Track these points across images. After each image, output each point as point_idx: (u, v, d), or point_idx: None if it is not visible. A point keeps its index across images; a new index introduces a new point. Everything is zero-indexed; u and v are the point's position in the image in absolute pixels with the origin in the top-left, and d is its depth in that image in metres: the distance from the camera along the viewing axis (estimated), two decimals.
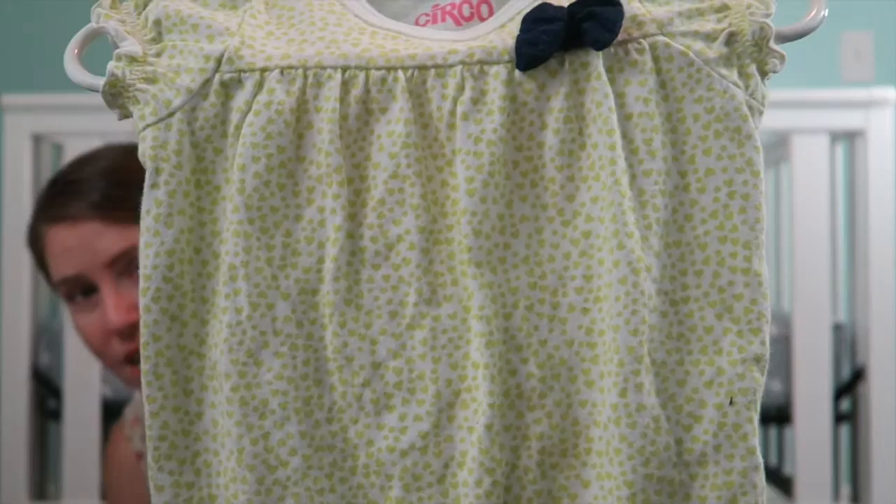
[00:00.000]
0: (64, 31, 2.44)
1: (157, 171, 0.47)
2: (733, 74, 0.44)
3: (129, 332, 0.84)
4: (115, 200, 0.86)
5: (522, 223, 0.43)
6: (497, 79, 0.41)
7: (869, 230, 1.76)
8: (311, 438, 0.45)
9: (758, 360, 0.42)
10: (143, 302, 0.46)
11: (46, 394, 1.85)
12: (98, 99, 1.87)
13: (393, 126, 0.43)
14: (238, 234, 0.45)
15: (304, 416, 0.45)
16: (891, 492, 1.74)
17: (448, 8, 0.44)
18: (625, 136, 0.41)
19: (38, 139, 1.85)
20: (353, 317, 0.44)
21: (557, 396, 0.44)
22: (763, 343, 0.43)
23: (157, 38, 0.50)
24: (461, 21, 0.44)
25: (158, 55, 0.50)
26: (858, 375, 1.80)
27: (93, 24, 0.55)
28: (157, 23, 0.50)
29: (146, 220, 0.47)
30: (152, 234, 0.46)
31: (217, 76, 0.45)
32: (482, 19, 0.44)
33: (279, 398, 0.45)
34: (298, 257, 0.45)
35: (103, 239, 0.85)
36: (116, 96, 0.53)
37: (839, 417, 1.82)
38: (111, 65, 0.52)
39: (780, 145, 2.10)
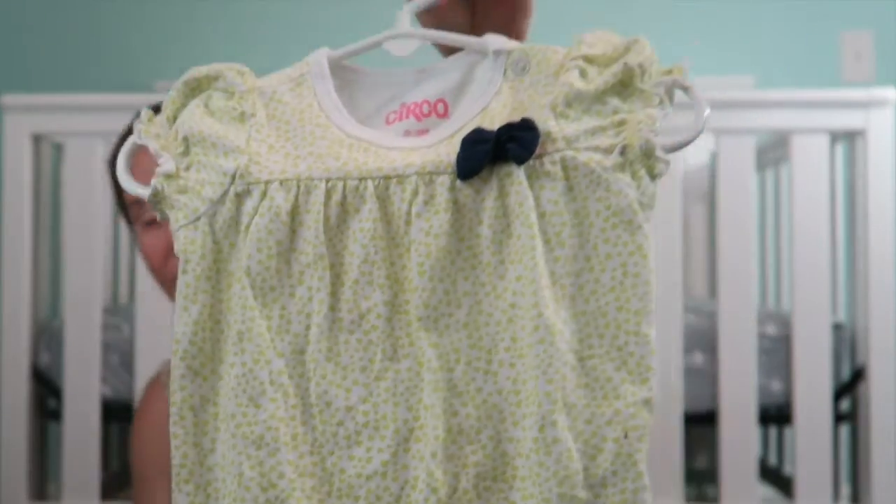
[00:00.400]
0: (64, 32, 2.44)
1: (187, 261, 0.59)
2: (627, 177, 0.53)
3: None
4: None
5: (464, 297, 0.55)
6: (443, 186, 0.54)
7: (869, 230, 1.76)
8: (297, 466, 0.57)
9: (646, 402, 0.54)
10: (173, 361, 0.59)
11: (46, 394, 1.85)
12: (97, 99, 1.91)
13: (364, 223, 0.56)
14: (245, 307, 0.58)
15: (291, 448, 0.57)
16: (891, 492, 1.74)
17: (412, 107, 0.59)
18: (541, 229, 0.53)
19: (38, 139, 1.85)
20: (332, 370, 0.57)
21: (490, 433, 0.56)
22: (650, 389, 0.54)
23: (186, 152, 0.62)
24: (421, 117, 0.58)
25: (188, 169, 0.61)
26: (858, 375, 1.80)
27: (136, 140, 0.65)
28: (185, 139, 0.62)
29: (178, 299, 0.59)
30: (182, 309, 0.59)
31: (232, 188, 0.59)
32: (438, 115, 0.58)
33: (272, 433, 0.57)
34: (291, 325, 0.58)
35: None
36: (158, 203, 0.62)
37: (839, 417, 1.83)
38: (154, 181, 0.62)
39: (780, 145, 2.10)
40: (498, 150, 0.51)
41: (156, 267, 1.00)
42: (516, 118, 0.51)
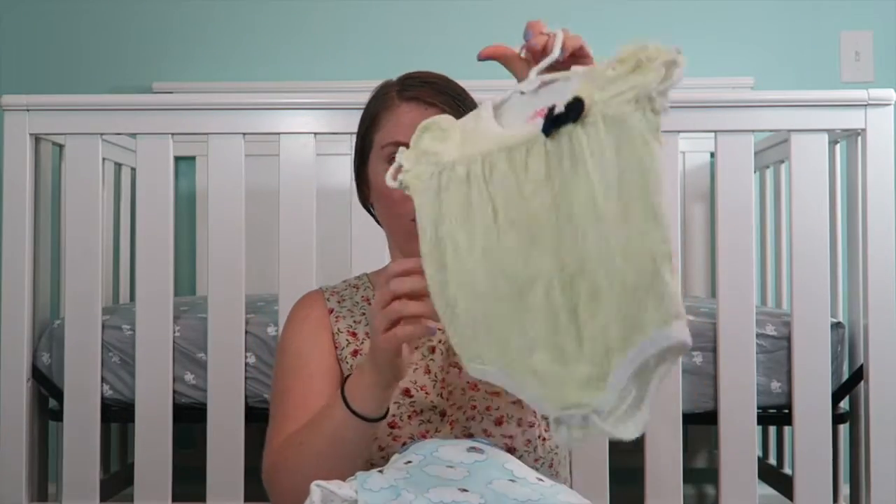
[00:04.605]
0: (64, 32, 2.43)
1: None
2: (638, 114, 0.73)
3: None
4: (456, 102, 1.14)
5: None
6: (540, 141, 0.80)
7: (868, 230, 1.76)
8: None
9: (664, 239, 0.71)
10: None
11: (46, 394, 1.86)
12: (97, 99, 1.90)
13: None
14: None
15: None
16: (890, 491, 1.74)
17: (540, 110, 0.81)
18: (590, 151, 0.76)
19: (38, 139, 1.85)
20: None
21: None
22: (662, 229, 0.72)
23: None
24: (544, 112, 0.80)
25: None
26: (858, 375, 1.80)
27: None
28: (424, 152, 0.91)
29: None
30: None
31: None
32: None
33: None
34: None
35: None
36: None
37: (839, 417, 1.83)
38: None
39: (780, 145, 2.11)
40: (561, 118, 0.76)
41: (395, 204, 1.12)
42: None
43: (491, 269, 0.80)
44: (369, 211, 1.25)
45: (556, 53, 0.86)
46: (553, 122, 0.76)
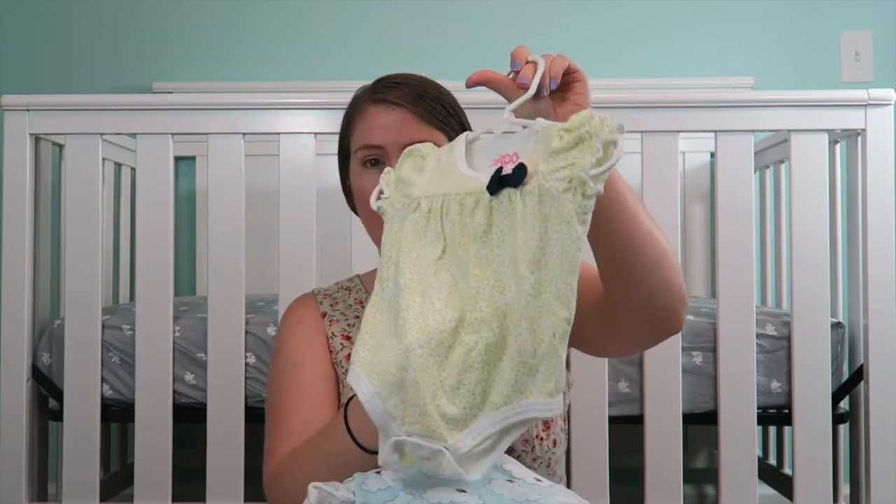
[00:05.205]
0: (64, 32, 2.44)
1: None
2: (569, 195, 0.79)
3: None
4: (428, 103, 1.12)
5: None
6: (484, 198, 0.86)
7: (868, 230, 1.76)
8: None
9: (567, 319, 0.79)
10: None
11: (46, 394, 1.86)
12: (97, 99, 1.90)
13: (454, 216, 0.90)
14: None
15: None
16: (890, 491, 1.74)
17: (504, 157, 0.87)
18: (521, 221, 0.83)
19: (38, 139, 1.85)
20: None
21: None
22: (569, 311, 0.80)
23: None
24: (507, 162, 0.86)
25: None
26: (858, 375, 1.80)
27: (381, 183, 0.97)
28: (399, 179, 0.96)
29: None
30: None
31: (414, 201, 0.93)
32: (513, 161, 0.85)
33: None
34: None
35: (409, 127, 1.11)
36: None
37: (839, 417, 1.83)
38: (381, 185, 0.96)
39: (780, 145, 2.11)
40: (506, 179, 0.83)
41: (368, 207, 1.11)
42: (530, 164, 0.83)
43: (421, 293, 0.85)
44: (356, 213, 1.25)
45: (531, 91, 0.88)
46: (498, 182, 0.83)
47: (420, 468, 0.82)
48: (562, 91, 0.92)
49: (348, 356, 1.18)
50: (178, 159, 2.46)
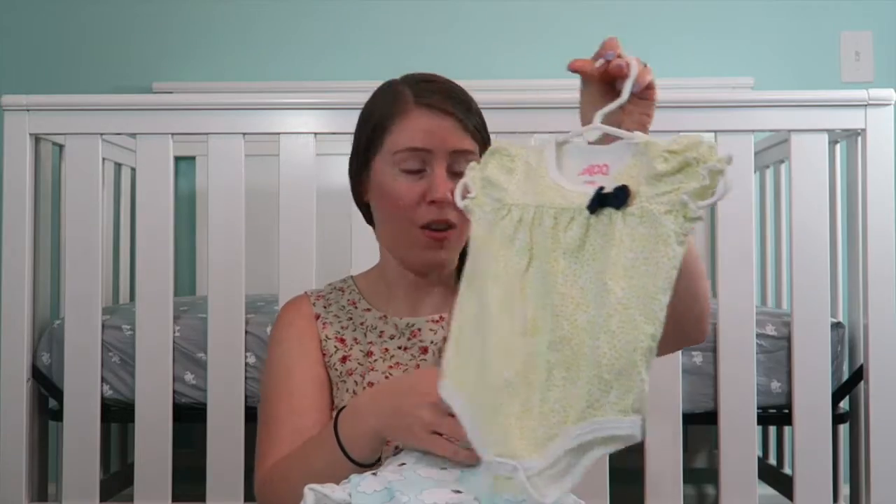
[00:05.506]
0: (64, 32, 2.44)
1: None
2: (671, 218, 0.80)
3: (439, 205, 1.11)
4: (474, 116, 1.14)
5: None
6: (583, 215, 0.85)
7: (868, 230, 1.76)
8: None
9: (653, 336, 0.79)
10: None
11: (46, 394, 1.86)
12: (97, 99, 1.90)
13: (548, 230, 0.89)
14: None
15: None
16: (890, 492, 1.74)
17: (594, 167, 0.87)
18: (619, 240, 0.82)
19: (38, 139, 1.85)
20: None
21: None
22: (656, 328, 0.80)
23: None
24: (595, 173, 0.87)
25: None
26: (858, 375, 1.80)
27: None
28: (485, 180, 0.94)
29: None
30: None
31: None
32: (603, 173, 0.87)
33: None
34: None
35: (456, 136, 1.12)
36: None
37: (839, 417, 1.83)
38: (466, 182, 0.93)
39: (780, 145, 2.10)
40: (608, 199, 0.82)
41: (404, 209, 1.13)
42: (630, 183, 0.83)
43: (503, 307, 0.84)
44: (361, 209, 1.25)
45: (624, 97, 0.88)
46: (599, 202, 0.83)
47: (505, 491, 0.82)
48: (631, 103, 0.92)
49: (343, 359, 1.18)
50: (178, 159, 2.46)
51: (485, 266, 0.86)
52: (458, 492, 0.86)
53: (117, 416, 1.86)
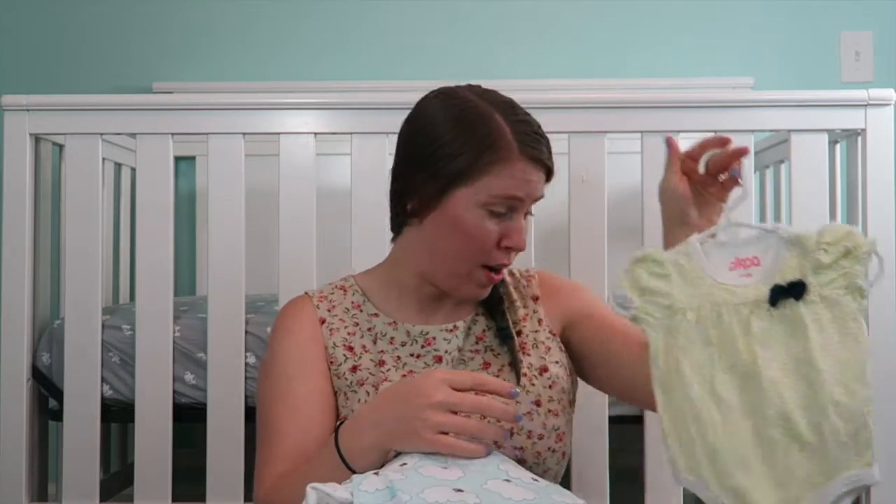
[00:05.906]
0: (63, 32, 2.44)
1: None
2: (849, 298, 0.97)
3: (511, 251, 1.15)
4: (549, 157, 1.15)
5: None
6: (763, 308, 0.98)
7: (868, 230, 1.76)
8: None
9: (867, 398, 0.99)
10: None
11: (46, 394, 1.86)
12: (97, 99, 1.91)
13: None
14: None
15: None
16: (890, 492, 1.74)
17: (743, 260, 1.01)
18: (810, 325, 0.96)
19: (38, 139, 1.85)
20: None
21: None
22: (868, 390, 1.00)
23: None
24: (748, 265, 1.00)
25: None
26: None
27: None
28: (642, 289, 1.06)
29: None
30: None
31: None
32: (755, 265, 1.00)
33: None
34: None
35: (542, 184, 1.14)
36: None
37: None
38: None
39: (780, 145, 2.10)
40: (787, 292, 0.96)
41: (476, 248, 1.12)
42: (791, 275, 0.97)
43: (715, 403, 0.95)
44: (397, 217, 1.18)
45: (748, 195, 1.07)
46: (778, 295, 0.96)
47: None
48: (710, 183, 1.10)
49: (353, 368, 1.14)
50: (178, 159, 2.46)
51: (676, 366, 0.97)
52: (460, 490, 0.86)
53: (117, 416, 1.86)
